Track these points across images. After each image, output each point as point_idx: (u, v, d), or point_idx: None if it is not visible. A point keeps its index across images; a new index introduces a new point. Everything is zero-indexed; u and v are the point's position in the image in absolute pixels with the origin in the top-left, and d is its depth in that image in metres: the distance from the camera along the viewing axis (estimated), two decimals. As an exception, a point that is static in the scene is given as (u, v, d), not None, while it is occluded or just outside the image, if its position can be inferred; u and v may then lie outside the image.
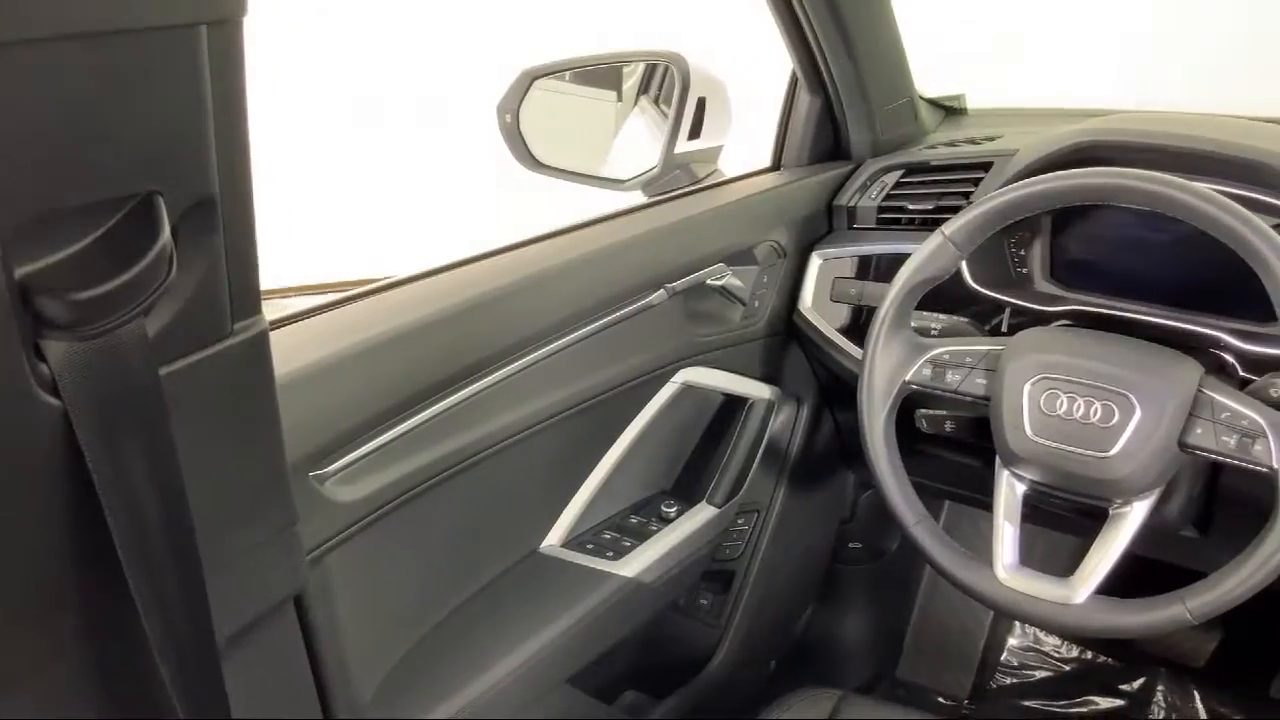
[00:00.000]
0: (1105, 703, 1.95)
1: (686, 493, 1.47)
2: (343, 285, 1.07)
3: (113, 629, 0.64)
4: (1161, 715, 1.90)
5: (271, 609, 0.80)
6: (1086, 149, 1.23)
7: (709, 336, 1.39)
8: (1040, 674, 2.02)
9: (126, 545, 0.59)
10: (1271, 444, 1.00)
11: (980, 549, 1.17)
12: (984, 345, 1.17)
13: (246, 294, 0.65)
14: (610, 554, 1.29)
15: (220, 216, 0.59)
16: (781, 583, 1.68)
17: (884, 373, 1.19)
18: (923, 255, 1.17)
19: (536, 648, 1.17)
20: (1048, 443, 1.09)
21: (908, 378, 1.19)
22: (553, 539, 1.28)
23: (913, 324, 1.26)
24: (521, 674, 1.15)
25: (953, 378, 1.17)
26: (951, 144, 1.54)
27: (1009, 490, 1.15)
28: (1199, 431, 1.04)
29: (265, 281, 0.66)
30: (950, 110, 1.73)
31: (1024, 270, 1.38)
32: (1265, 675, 1.85)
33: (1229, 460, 1.03)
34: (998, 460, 1.17)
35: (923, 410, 1.33)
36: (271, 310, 0.73)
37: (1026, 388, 1.11)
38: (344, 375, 0.94)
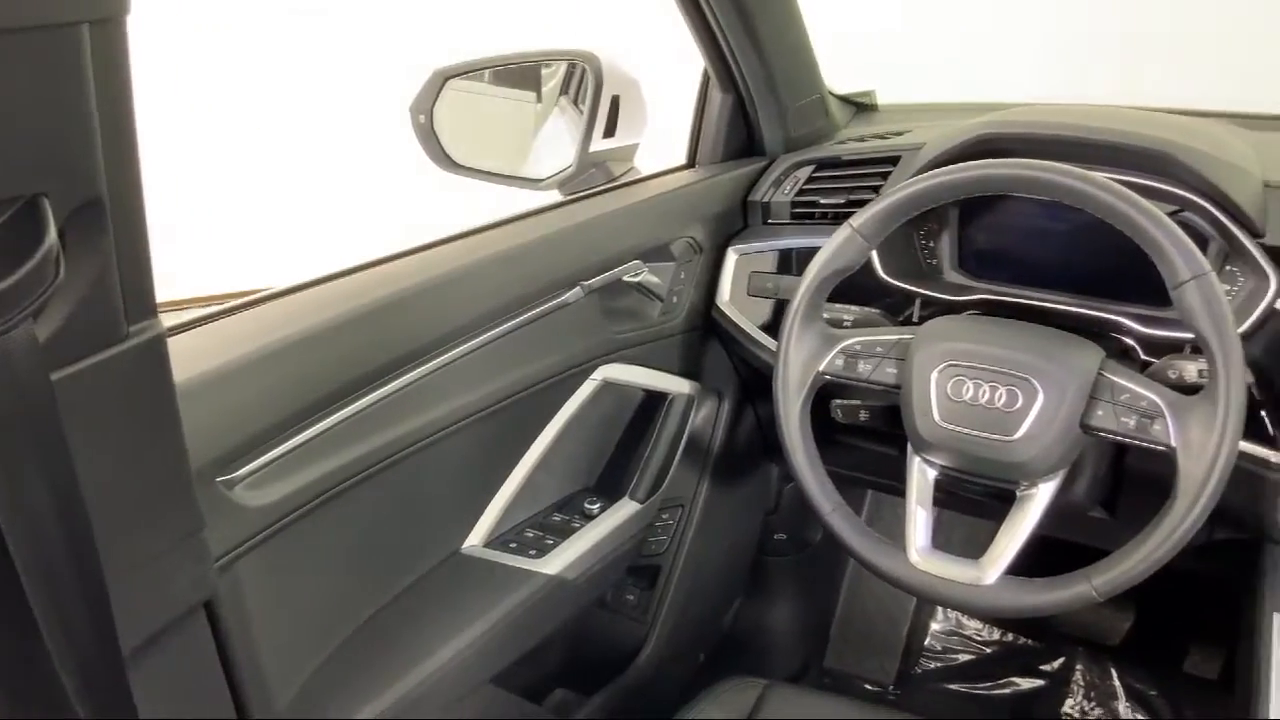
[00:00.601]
0: (1026, 683, 2.00)
1: (609, 489, 1.48)
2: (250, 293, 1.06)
3: (14, 635, 0.62)
4: (1080, 693, 1.96)
5: (180, 616, 0.79)
6: (988, 141, 1.26)
7: (627, 333, 1.40)
8: (963, 657, 2.06)
9: (22, 553, 0.58)
10: (1169, 423, 1.03)
11: (902, 536, 1.19)
12: (894, 335, 1.20)
13: (140, 296, 0.64)
14: (533, 552, 1.30)
15: (109, 218, 0.59)
16: (708, 576, 1.70)
17: (798, 364, 1.21)
18: (832, 248, 1.19)
19: (459, 648, 1.17)
20: (955, 428, 1.12)
21: (821, 368, 1.20)
22: (474, 539, 1.28)
23: (826, 316, 1.28)
24: (444, 674, 1.15)
25: (864, 367, 1.19)
26: (861, 139, 1.56)
27: (920, 476, 1.18)
28: (1100, 413, 1.07)
29: (173, 291, 0.66)
30: (861, 107, 1.77)
31: (934, 262, 1.41)
32: (1178, 651, 1.91)
33: (1130, 440, 1.06)
34: (909, 447, 1.19)
35: (838, 400, 1.35)
36: (175, 318, 0.72)
37: (934, 375, 1.13)
38: (251, 378, 0.93)
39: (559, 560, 1.30)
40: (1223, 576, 1.38)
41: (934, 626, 2.11)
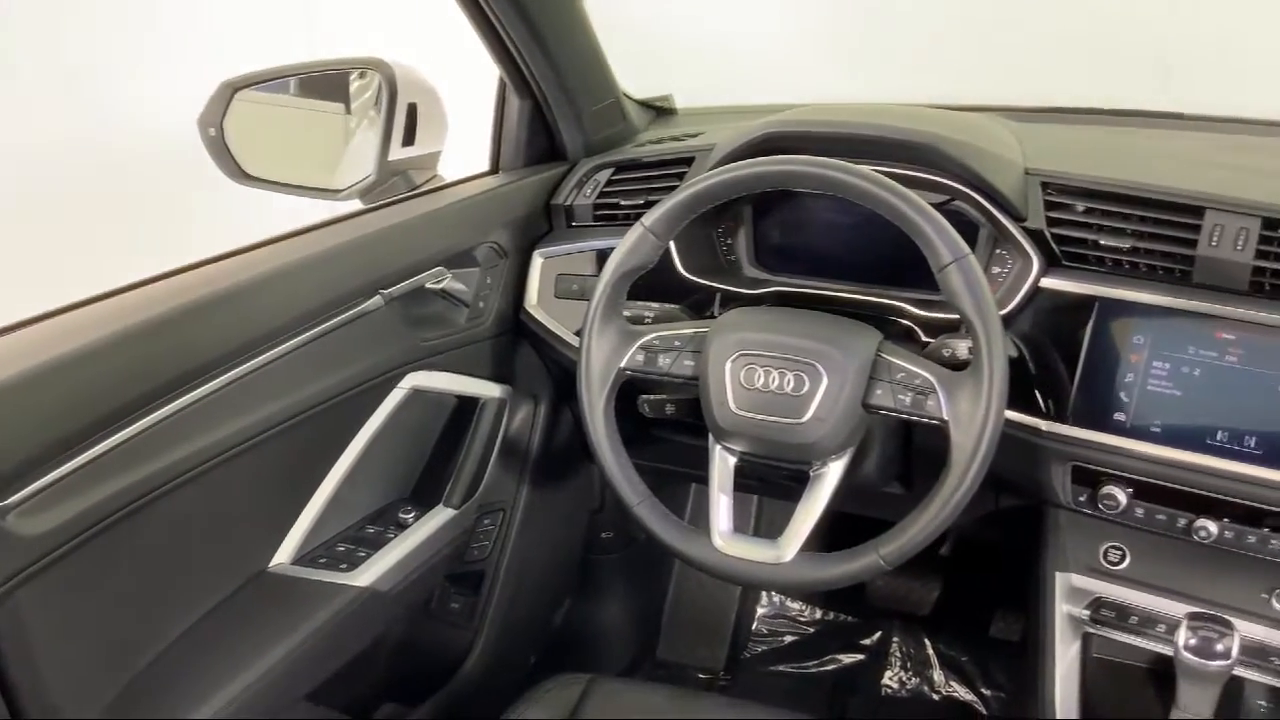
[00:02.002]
0: (848, 658, 2.09)
1: (427, 498, 1.47)
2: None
3: None
4: (898, 663, 2.06)
5: None
6: (772, 139, 1.31)
7: (434, 340, 1.40)
8: (789, 638, 2.14)
9: None
10: (941, 398, 1.10)
11: (741, 527, 1.21)
12: (690, 328, 1.24)
13: None
14: (344, 566, 1.28)
15: None
16: (534, 578, 1.71)
17: (599, 361, 1.23)
18: (626, 247, 1.22)
19: (266, 668, 1.15)
20: (750, 414, 1.16)
21: (622, 364, 1.23)
22: (282, 556, 1.26)
23: (627, 313, 1.31)
24: (252, 697, 1.13)
25: (664, 361, 1.23)
26: (659, 141, 1.61)
27: (721, 463, 1.22)
28: (879, 392, 1.14)
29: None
30: (660, 110, 1.81)
31: (733, 258, 1.46)
32: (984, 618, 2.03)
33: (906, 416, 1.13)
34: (710, 436, 1.23)
35: (644, 396, 1.38)
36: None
37: (728, 365, 1.17)
38: (21, 400, 0.89)
39: (371, 572, 1.29)
40: (1016, 542, 1.47)
41: (760, 611, 2.18)
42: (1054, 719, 1.26)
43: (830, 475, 1.17)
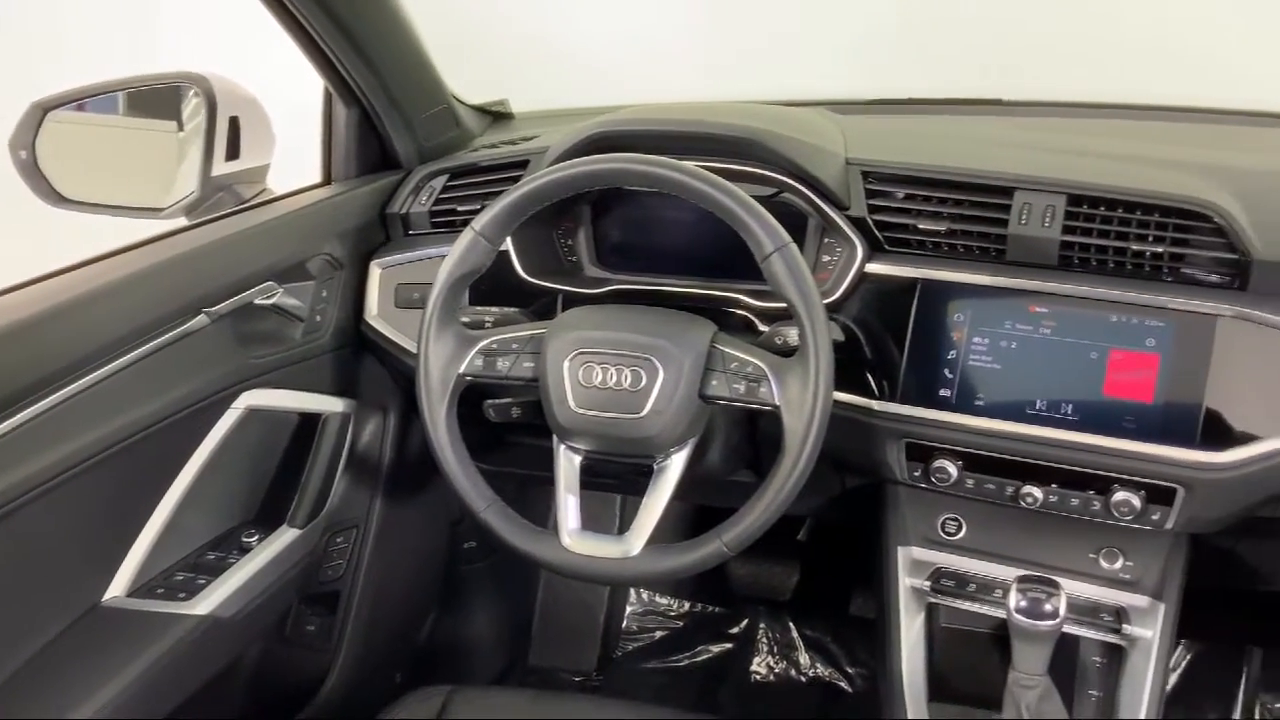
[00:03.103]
0: (717, 648, 2.12)
1: (272, 520, 1.44)
2: None
3: None
4: (765, 649, 2.10)
5: None
6: (601, 139, 1.32)
7: (268, 356, 1.36)
8: (659, 634, 2.16)
9: None
10: (773, 384, 1.13)
11: (607, 526, 1.22)
12: (528, 330, 1.23)
13: None
14: (183, 595, 1.24)
15: None
16: (394, 594, 1.68)
17: (438, 368, 1.22)
18: (458, 252, 1.21)
19: (101, 705, 1.10)
20: (590, 412, 1.17)
21: (461, 370, 1.22)
22: (116, 589, 1.21)
23: (466, 318, 1.31)
24: None
25: (503, 364, 1.22)
26: (494, 146, 1.60)
27: (566, 463, 1.22)
28: (715, 382, 1.15)
29: None
30: (497, 115, 1.81)
31: (573, 259, 1.47)
32: (844, 597, 2.08)
33: (742, 404, 1.15)
34: (554, 437, 1.23)
35: (490, 401, 1.38)
36: None
37: (566, 364, 1.18)
38: None
39: (211, 600, 1.25)
40: (866, 521, 1.51)
41: (630, 609, 2.19)
42: (901, 691, 1.31)
43: (673, 467, 1.19)
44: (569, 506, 1.20)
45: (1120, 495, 1.18)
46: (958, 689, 1.34)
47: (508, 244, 1.39)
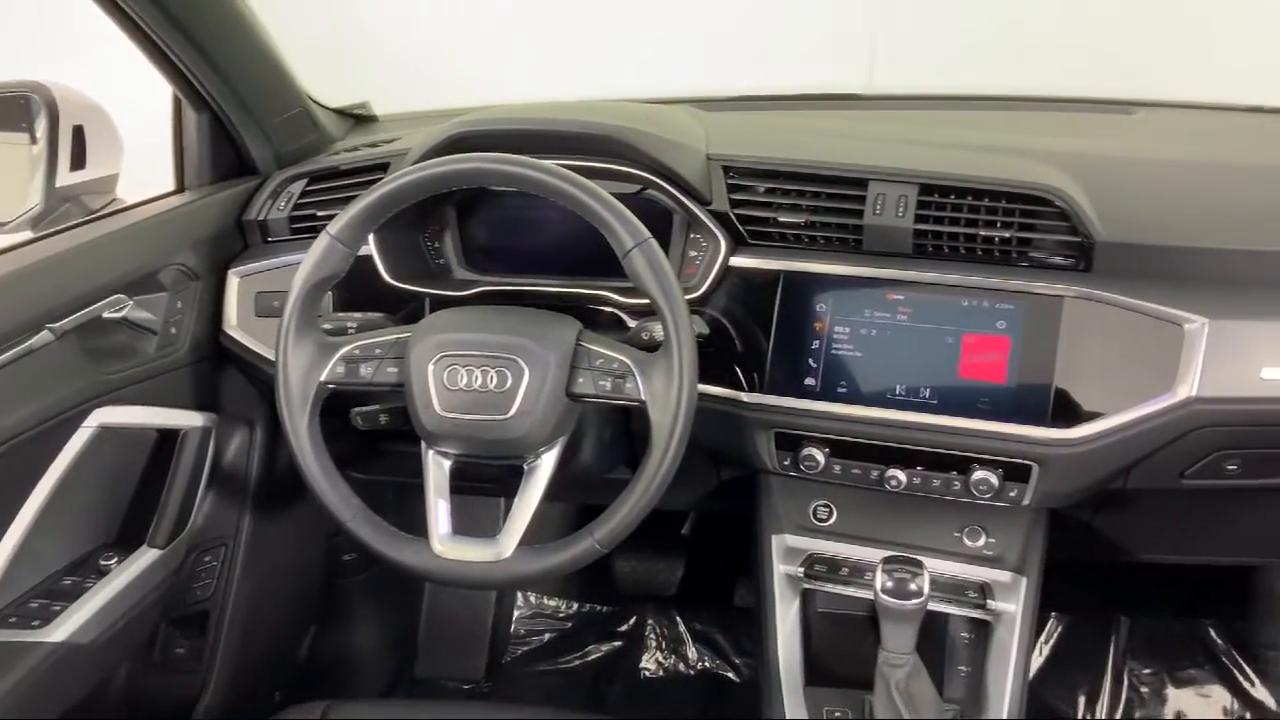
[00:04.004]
0: (606, 646, 2.12)
1: (133, 541, 1.38)
2: None
3: None
4: (653, 643, 2.11)
5: None
6: (462, 139, 1.31)
7: (121, 372, 1.31)
8: (548, 636, 2.15)
9: None
10: (638, 380, 1.13)
11: (491, 530, 1.19)
12: (392, 335, 1.21)
13: None
14: (36, 623, 1.19)
15: None
16: (268, 611, 1.64)
17: (297, 377, 1.19)
18: (314, 258, 1.18)
19: None
20: (457, 415, 1.15)
21: (323, 378, 1.19)
22: None
23: (329, 325, 1.28)
24: None
25: (366, 371, 1.20)
26: (354, 149, 1.57)
27: (436, 467, 1.20)
28: (581, 380, 1.15)
29: None
30: (359, 118, 1.78)
31: (441, 261, 1.45)
32: (728, 590, 2.10)
33: (609, 401, 1.15)
34: (422, 442, 1.21)
35: (357, 409, 1.35)
36: None
37: (430, 368, 1.16)
38: None
39: (67, 626, 1.20)
40: (745, 512, 1.53)
41: (517, 613, 2.18)
42: (778, 677, 1.33)
43: (544, 467, 1.18)
44: (439, 512, 1.19)
45: (979, 474, 1.22)
46: (833, 672, 1.36)
47: (371, 248, 1.36)
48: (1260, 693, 1.95)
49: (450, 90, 1.99)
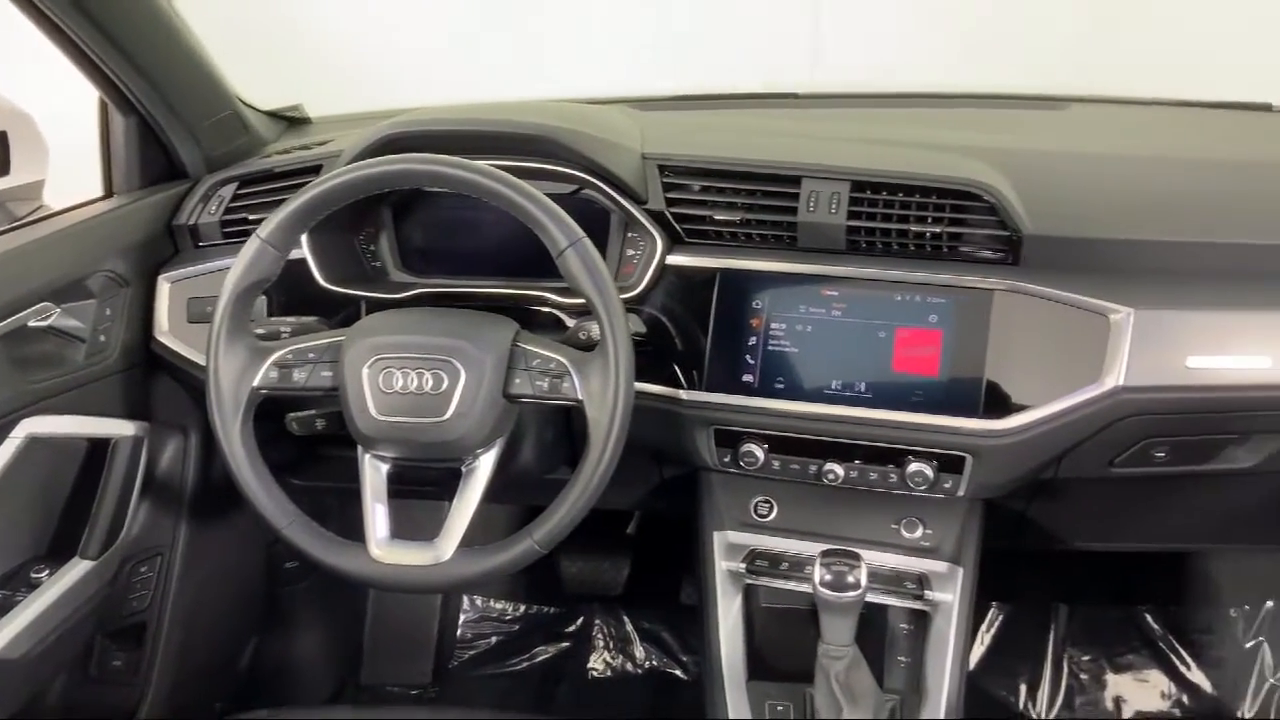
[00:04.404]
0: (554, 648, 2.12)
1: (65, 553, 1.35)
2: None
3: None
4: (601, 643, 2.11)
5: None
6: (395, 140, 1.30)
7: (47, 381, 1.28)
8: (495, 639, 2.14)
9: None
10: (575, 379, 1.13)
11: (434, 534, 1.17)
12: (325, 339, 1.20)
13: None
14: None
15: None
16: (208, 621, 1.61)
17: (229, 383, 1.17)
18: (243, 262, 1.17)
19: None
20: (392, 419, 1.14)
21: (255, 384, 1.18)
22: None
23: (262, 330, 1.26)
24: None
25: (299, 376, 1.19)
26: (287, 151, 1.55)
27: (373, 472, 1.19)
28: (518, 381, 1.15)
29: None
30: (292, 121, 1.76)
31: (377, 264, 1.44)
32: (674, 588, 2.11)
33: (546, 401, 1.15)
34: (359, 446, 1.20)
35: (292, 414, 1.33)
36: None
37: (365, 371, 1.15)
38: None
39: None
40: (689, 510, 1.53)
41: (463, 617, 2.16)
42: (721, 673, 1.33)
43: (482, 469, 1.17)
44: (377, 516, 1.18)
45: (914, 466, 1.24)
46: (776, 666, 1.37)
47: (305, 251, 1.35)
48: (1196, 676, 2.00)
49: (385, 92, 1.98)
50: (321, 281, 1.37)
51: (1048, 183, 1.28)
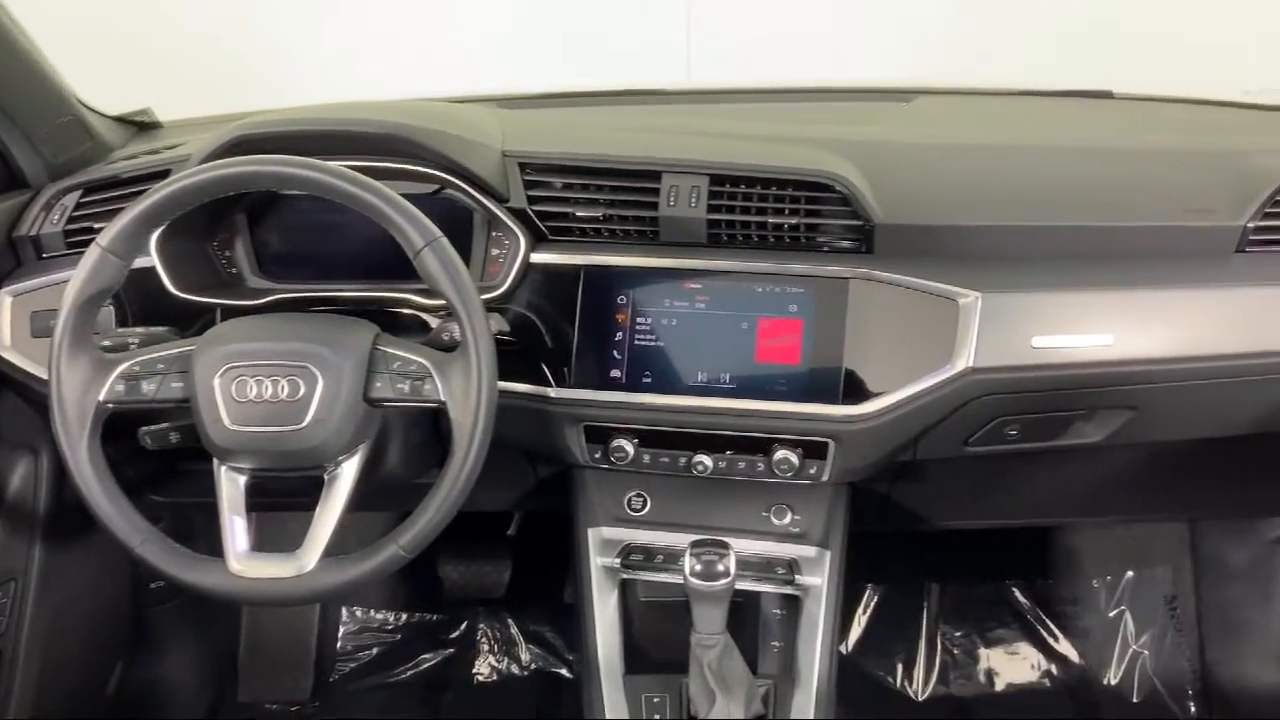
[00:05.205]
0: (438, 655, 2.09)
1: None
2: None
3: None
4: (486, 647, 2.09)
5: None
6: (242, 142, 1.26)
7: None
8: (376, 650, 2.10)
9: None
10: (437, 381, 1.11)
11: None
12: (175, 349, 1.16)
13: None
14: None
15: None
16: (68, 648, 1.55)
17: (73, 397, 1.13)
18: (84, 271, 1.12)
19: None
20: (248, 429, 1.11)
21: (101, 397, 1.13)
22: None
23: (109, 341, 1.22)
24: None
25: (148, 388, 1.14)
26: (134, 157, 1.50)
27: (229, 484, 1.15)
28: (379, 384, 1.13)
29: None
30: (142, 125, 1.69)
31: (233, 270, 1.40)
32: (557, 587, 2.10)
33: (408, 404, 1.13)
34: (215, 458, 1.17)
35: (145, 428, 1.29)
36: None
37: (216, 380, 1.11)
38: None
39: None
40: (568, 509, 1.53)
41: (344, 629, 2.12)
42: (598, 669, 1.33)
43: (345, 476, 1.15)
44: (236, 529, 1.14)
45: (780, 454, 1.26)
46: (653, 659, 1.38)
47: (154, 259, 1.30)
48: (1064, 647, 2.08)
49: (237, 93, 1.93)
50: (173, 290, 1.33)
51: (897, 173, 1.31)
